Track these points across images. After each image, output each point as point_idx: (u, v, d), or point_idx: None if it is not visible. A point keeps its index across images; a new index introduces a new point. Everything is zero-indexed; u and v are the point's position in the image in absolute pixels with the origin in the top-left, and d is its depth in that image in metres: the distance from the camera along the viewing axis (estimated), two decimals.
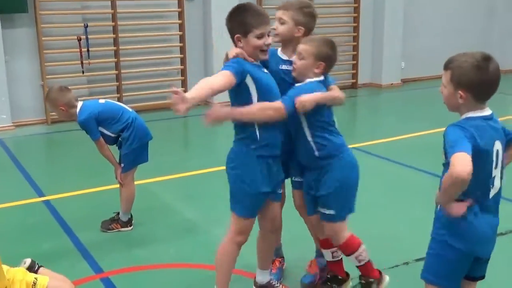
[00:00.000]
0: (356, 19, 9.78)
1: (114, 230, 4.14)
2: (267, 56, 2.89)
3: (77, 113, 3.91)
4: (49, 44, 7.40)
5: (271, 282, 3.19)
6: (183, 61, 8.30)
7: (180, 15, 8.15)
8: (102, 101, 4.15)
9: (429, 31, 10.64)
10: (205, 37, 8.49)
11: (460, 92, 2.33)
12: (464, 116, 2.39)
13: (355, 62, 9.97)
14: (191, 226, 4.28)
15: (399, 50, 10.15)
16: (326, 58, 2.92)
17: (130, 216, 4.20)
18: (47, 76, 7.39)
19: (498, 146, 2.36)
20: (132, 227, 4.20)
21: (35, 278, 3.06)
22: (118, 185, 4.32)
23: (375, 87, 10.14)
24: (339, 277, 3.30)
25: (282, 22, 3.04)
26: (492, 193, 2.36)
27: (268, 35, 2.84)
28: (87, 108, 3.92)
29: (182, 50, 8.26)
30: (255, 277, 3.21)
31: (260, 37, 2.80)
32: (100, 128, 3.96)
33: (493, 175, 2.34)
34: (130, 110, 4.13)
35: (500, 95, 7.99)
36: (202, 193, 5.04)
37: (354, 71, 10.01)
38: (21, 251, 3.51)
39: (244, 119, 2.79)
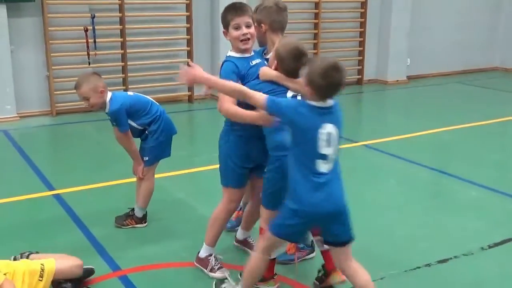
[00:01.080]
0: (363, 15, 9.69)
1: (129, 226, 4.05)
2: (249, 45, 3.16)
3: (108, 102, 3.82)
4: (55, 34, 7.27)
5: (247, 239, 3.71)
6: (190, 53, 8.18)
7: (188, 7, 8.03)
8: (130, 93, 4.08)
9: (434, 27, 10.57)
10: (212, 30, 8.38)
11: (307, 88, 2.70)
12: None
13: (361, 58, 9.89)
14: (205, 222, 4.19)
15: (405, 46, 10.07)
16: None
17: (145, 212, 4.11)
18: (52, 67, 7.27)
19: (330, 129, 2.70)
20: (146, 223, 4.11)
21: (41, 264, 2.99)
22: (128, 180, 4.23)
23: (381, 84, 10.06)
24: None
25: (248, 26, 3.17)
26: (323, 168, 2.69)
27: (247, 27, 3.13)
28: (119, 99, 3.85)
29: (189, 42, 8.14)
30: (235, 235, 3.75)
31: (236, 27, 3.12)
32: (128, 120, 3.88)
33: (322, 152, 2.68)
34: (157, 103, 4.06)
35: (505, 94, 7.72)
36: (214, 189, 4.93)
37: (360, 67, 9.92)
38: (34, 248, 3.41)
39: (218, 89, 3.02)
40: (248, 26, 3.13)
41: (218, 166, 3.39)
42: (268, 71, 3.07)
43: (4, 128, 6.75)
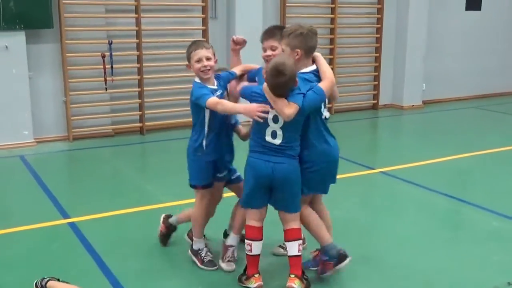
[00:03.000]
0: (378, 40, 9.60)
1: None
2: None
3: None
4: (73, 60, 7.25)
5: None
6: None
7: (204, 33, 8.00)
8: None
9: (449, 52, 10.45)
10: (228, 56, 8.30)
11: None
12: None
13: (376, 83, 9.77)
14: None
15: (420, 71, 9.95)
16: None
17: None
18: (70, 93, 7.24)
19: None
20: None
21: None
22: (144, 207, 4.11)
23: (397, 108, 9.92)
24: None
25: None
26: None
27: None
28: None
29: None
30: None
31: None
32: None
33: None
34: None
35: None
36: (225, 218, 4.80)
37: (376, 92, 9.80)
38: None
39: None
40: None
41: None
42: (265, 87, 3.35)
43: (21, 153, 6.70)
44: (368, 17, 9.55)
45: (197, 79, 3.66)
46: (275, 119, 3.30)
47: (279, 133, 3.31)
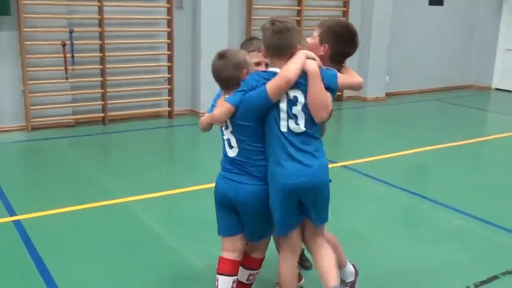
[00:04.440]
0: None
1: None
2: None
3: None
4: (32, 48, 6.71)
5: None
6: (170, 69, 7.67)
7: (169, 23, 7.52)
8: None
9: (412, 46, 10.20)
10: (193, 46, 7.88)
11: None
12: None
13: None
14: (174, 255, 3.68)
15: (384, 64, 9.67)
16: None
17: None
18: (28, 82, 6.70)
19: None
20: None
21: None
22: (100, 203, 3.69)
23: (360, 100, 9.62)
24: None
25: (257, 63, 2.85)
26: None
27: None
28: None
29: (170, 58, 7.63)
30: None
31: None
32: None
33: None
34: None
35: (480, 112, 7.14)
36: (188, 215, 4.43)
37: None
38: None
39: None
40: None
41: (198, 187, 2.88)
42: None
43: None
44: (334, 10, 9.19)
45: None
46: (226, 125, 2.72)
47: (233, 143, 2.70)
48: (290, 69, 2.55)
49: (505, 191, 5.17)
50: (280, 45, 2.59)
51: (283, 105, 2.59)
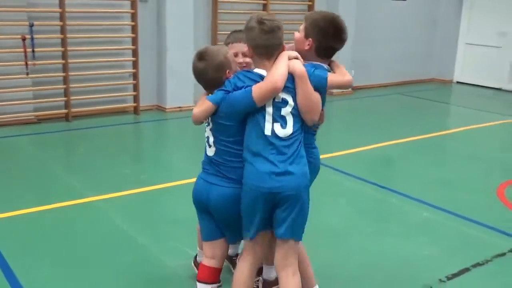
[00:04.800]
0: None
1: None
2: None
3: None
4: None
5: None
6: (135, 64, 7.52)
7: (133, 16, 7.36)
8: None
9: (376, 40, 10.31)
10: (159, 40, 7.75)
11: None
12: None
13: None
14: (146, 255, 3.60)
15: (349, 58, 9.72)
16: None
17: None
18: None
19: None
20: None
21: None
22: (66, 203, 3.55)
23: (327, 95, 9.63)
24: None
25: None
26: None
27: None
28: None
29: (135, 53, 7.48)
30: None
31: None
32: None
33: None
34: None
35: (443, 105, 7.28)
36: (159, 214, 4.36)
37: None
38: None
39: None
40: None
41: (166, 185, 2.81)
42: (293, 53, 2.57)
43: None
44: (300, 14, 9.11)
45: None
46: (208, 122, 2.62)
47: (211, 142, 2.62)
48: (277, 75, 2.44)
49: (469, 183, 5.28)
50: (270, 45, 2.49)
51: (269, 109, 2.49)
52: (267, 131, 2.49)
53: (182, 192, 4.74)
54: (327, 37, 2.61)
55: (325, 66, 2.66)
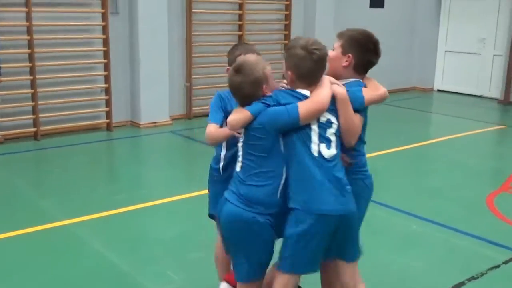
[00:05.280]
0: (286, 37, 9.29)
1: None
2: None
3: None
4: None
5: None
6: (107, 79, 7.43)
7: (104, 29, 7.29)
8: None
9: None
10: (131, 53, 7.68)
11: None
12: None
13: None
14: (127, 281, 3.51)
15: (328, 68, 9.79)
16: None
17: None
18: None
19: None
20: None
21: None
22: (37, 228, 3.44)
23: None
24: None
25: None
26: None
27: None
28: None
29: (106, 67, 7.40)
30: None
31: None
32: None
33: None
34: None
35: (424, 114, 7.31)
36: (138, 236, 4.26)
37: None
38: None
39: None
40: None
41: (144, 205, 2.74)
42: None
43: None
44: (277, 13, 9.21)
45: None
46: (242, 135, 2.57)
47: (240, 156, 2.57)
48: (323, 96, 2.48)
49: (458, 194, 5.31)
50: (318, 73, 2.52)
51: (315, 127, 2.50)
52: (315, 152, 2.49)
53: (161, 212, 4.69)
54: (367, 52, 2.71)
55: (361, 81, 2.72)
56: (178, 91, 8.19)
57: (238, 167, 2.57)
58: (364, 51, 2.69)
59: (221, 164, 2.87)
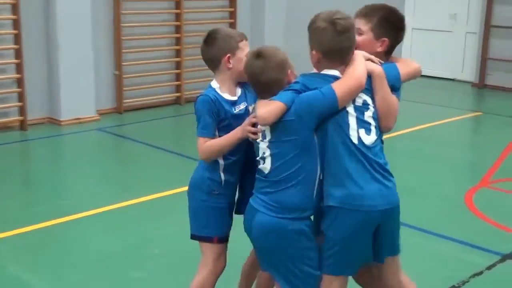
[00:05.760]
0: (232, 15, 9.26)
1: None
2: None
3: None
4: None
5: None
6: (19, 68, 7.20)
7: (15, 9, 7.05)
8: None
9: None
10: (48, 38, 7.46)
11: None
12: None
13: None
14: None
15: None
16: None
17: None
18: None
19: None
20: None
21: None
22: None
23: None
24: None
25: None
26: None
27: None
28: None
29: (18, 54, 7.16)
30: None
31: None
32: None
33: None
34: None
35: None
36: (63, 256, 4.12)
37: None
38: None
39: None
40: None
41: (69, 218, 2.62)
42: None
43: None
44: (219, 11, 9.17)
45: (214, 84, 2.81)
46: (263, 134, 2.56)
47: (267, 158, 2.54)
48: (360, 71, 2.47)
49: (433, 191, 5.41)
50: (345, 48, 2.50)
51: (352, 111, 2.48)
52: (354, 139, 2.47)
53: (90, 226, 4.59)
54: (401, 32, 2.74)
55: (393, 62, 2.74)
56: (105, 81, 8.05)
57: (264, 170, 2.54)
58: (397, 32, 2.73)
59: (222, 175, 2.80)
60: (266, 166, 2.53)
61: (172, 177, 5.53)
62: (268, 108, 2.45)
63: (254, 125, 2.59)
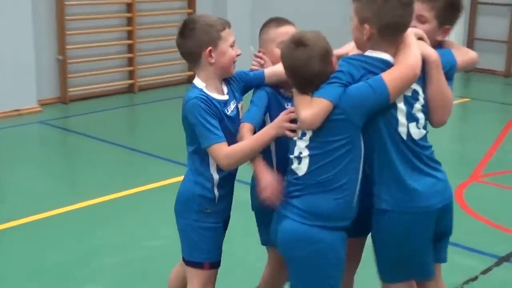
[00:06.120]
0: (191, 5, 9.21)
1: None
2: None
3: None
4: None
5: None
6: None
7: None
8: None
9: (282, 15, 10.40)
10: None
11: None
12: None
13: None
14: None
15: (247, 34, 9.76)
16: None
17: None
18: None
19: None
20: None
21: None
22: None
23: None
24: None
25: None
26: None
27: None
28: None
29: None
30: None
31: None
32: None
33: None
34: None
35: None
36: (16, 265, 4.04)
37: None
38: None
39: None
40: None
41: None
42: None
43: None
44: (177, 14, 9.12)
45: (199, 82, 2.66)
46: (302, 131, 2.48)
47: (304, 159, 2.47)
48: (413, 59, 2.40)
49: None
50: (404, 23, 2.43)
51: (401, 105, 2.44)
52: (403, 135, 2.47)
53: (32, 234, 4.54)
54: (458, 14, 2.71)
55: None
56: (48, 68, 7.98)
57: (298, 171, 2.47)
58: (456, 15, 2.71)
59: (216, 191, 2.69)
60: (301, 167, 2.47)
61: (126, 176, 5.48)
62: (313, 111, 2.37)
63: (291, 120, 2.51)
